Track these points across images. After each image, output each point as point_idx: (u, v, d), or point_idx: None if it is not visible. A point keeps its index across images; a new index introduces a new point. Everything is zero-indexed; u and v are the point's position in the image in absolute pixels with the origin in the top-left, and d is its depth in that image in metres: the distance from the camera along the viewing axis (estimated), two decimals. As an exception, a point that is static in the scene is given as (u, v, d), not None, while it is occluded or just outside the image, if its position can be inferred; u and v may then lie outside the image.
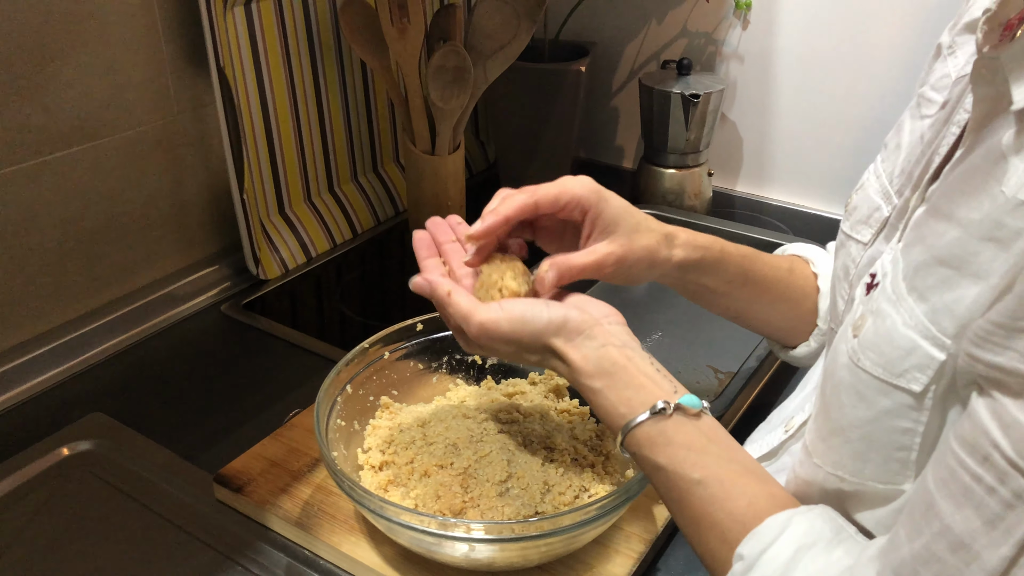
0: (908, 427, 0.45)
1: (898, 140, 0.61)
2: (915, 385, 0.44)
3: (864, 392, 0.47)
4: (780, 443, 0.64)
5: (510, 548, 0.58)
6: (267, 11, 1.01)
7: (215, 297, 1.03)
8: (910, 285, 0.45)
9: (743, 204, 1.31)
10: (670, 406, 0.54)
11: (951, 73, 0.57)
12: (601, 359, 0.56)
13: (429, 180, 1.14)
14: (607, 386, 0.56)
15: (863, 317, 0.48)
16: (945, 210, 0.45)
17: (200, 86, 0.99)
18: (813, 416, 0.53)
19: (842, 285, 0.61)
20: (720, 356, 0.93)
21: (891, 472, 0.46)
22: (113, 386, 0.88)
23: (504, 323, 0.58)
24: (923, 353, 0.43)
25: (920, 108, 0.60)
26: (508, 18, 1.08)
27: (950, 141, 0.51)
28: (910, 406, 0.44)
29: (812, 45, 1.18)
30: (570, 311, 0.59)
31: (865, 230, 0.60)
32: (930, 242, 0.45)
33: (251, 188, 1.02)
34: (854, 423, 0.48)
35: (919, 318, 0.44)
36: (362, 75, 1.17)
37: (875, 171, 0.62)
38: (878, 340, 0.46)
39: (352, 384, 0.72)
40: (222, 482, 0.72)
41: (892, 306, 0.46)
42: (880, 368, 0.45)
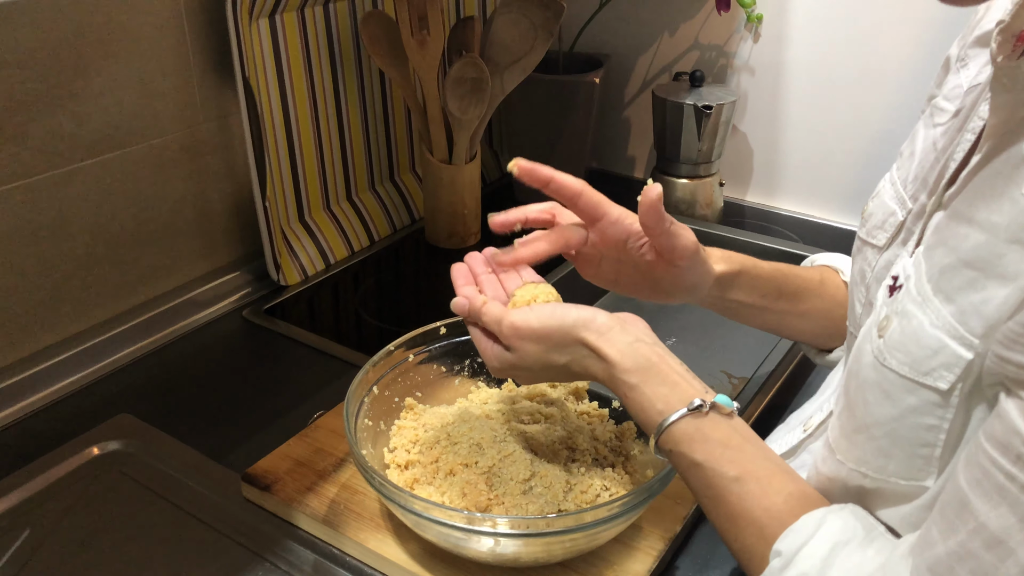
0: (933, 424, 0.46)
1: (912, 148, 0.63)
2: (942, 383, 0.45)
3: (890, 390, 0.48)
4: (799, 442, 0.66)
5: (535, 543, 0.60)
6: (290, 22, 1.04)
7: (237, 302, 1.05)
8: (936, 287, 0.46)
9: (753, 214, 1.33)
10: (706, 404, 0.55)
11: (963, 84, 0.59)
12: (636, 354, 0.58)
13: (446, 189, 1.16)
14: (643, 381, 0.57)
15: (888, 318, 0.49)
16: (966, 214, 0.46)
17: (225, 96, 1.01)
18: (836, 414, 0.54)
19: (859, 289, 0.63)
20: (733, 361, 0.95)
21: (914, 468, 0.47)
22: (140, 388, 0.90)
23: (534, 320, 0.60)
24: (950, 352, 0.44)
25: (932, 117, 0.61)
26: (525, 31, 1.10)
27: (965, 147, 0.52)
28: (936, 403, 0.45)
29: (822, 58, 1.21)
30: (598, 311, 0.60)
31: (880, 234, 0.61)
32: (953, 244, 0.46)
33: (273, 196, 1.04)
34: (879, 420, 0.49)
35: (946, 318, 0.45)
36: (380, 86, 1.20)
37: (890, 179, 0.64)
38: (905, 340, 0.47)
39: (378, 385, 0.73)
40: (250, 481, 0.74)
41: (918, 307, 0.47)
42: (907, 367, 0.47)
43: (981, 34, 0.59)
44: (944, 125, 0.59)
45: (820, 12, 1.18)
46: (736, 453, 0.54)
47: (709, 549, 0.70)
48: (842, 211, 1.28)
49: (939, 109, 0.61)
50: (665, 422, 0.55)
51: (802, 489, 0.53)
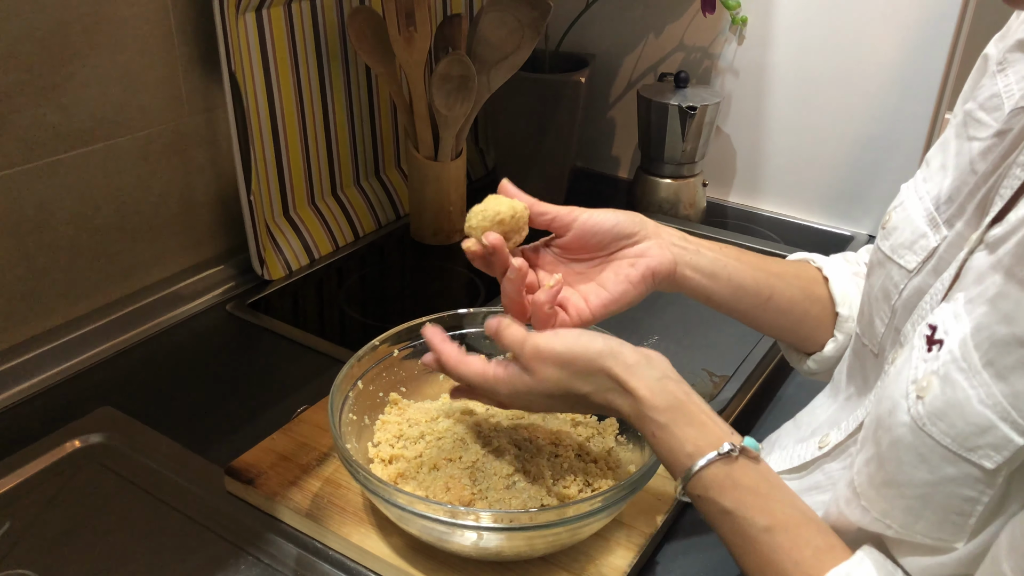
0: (972, 496, 0.44)
1: (942, 160, 0.59)
2: (988, 463, 0.43)
3: (928, 457, 0.46)
4: (813, 459, 0.64)
5: (517, 537, 0.60)
6: (277, 17, 1.03)
7: (221, 296, 1.05)
8: (985, 359, 0.44)
9: (735, 214, 1.34)
10: (736, 448, 0.53)
11: (1001, 94, 0.56)
12: (665, 391, 0.56)
13: (432, 185, 1.17)
14: (672, 421, 0.55)
15: (928, 379, 0.46)
16: (1018, 274, 0.43)
17: (211, 89, 1.01)
18: (865, 459, 0.52)
19: (881, 306, 0.61)
20: (715, 359, 0.96)
21: (944, 531, 0.46)
22: (122, 381, 0.90)
23: (558, 343, 0.58)
24: (1000, 434, 0.42)
25: (967, 128, 0.58)
26: (512, 29, 1.11)
27: (1014, 184, 0.49)
28: (978, 479, 0.44)
29: (806, 61, 1.22)
30: (624, 343, 0.59)
31: (910, 256, 0.58)
32: (1004, 310, 0.44)
33: (258, 190, 1.04)
34: (913, 482, 0.47)
35: (997, 398, 0.42)
36: (367, 81, 1.20)
37: (915, 190, 0.61)
38: (948, 411, 0.45)
39: (363, 380, 0.74)
40: (233, 474, 0.74)
41: (965, 377, 0.44)
42: (949, 439, 0.45)
43: (1022, 38, 0.56)
44: (983, 142, 0.55)
45: (804, 15, 1.19)
46: (766, 501, 0.53)
47: (689, 545, 0.71)
48: (824, 213, 1.29)
49: (976, 121, 0.57)
50: (695, 467, 0.54)
51: (829, 541, 0.52)
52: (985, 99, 0.57)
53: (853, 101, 1.21)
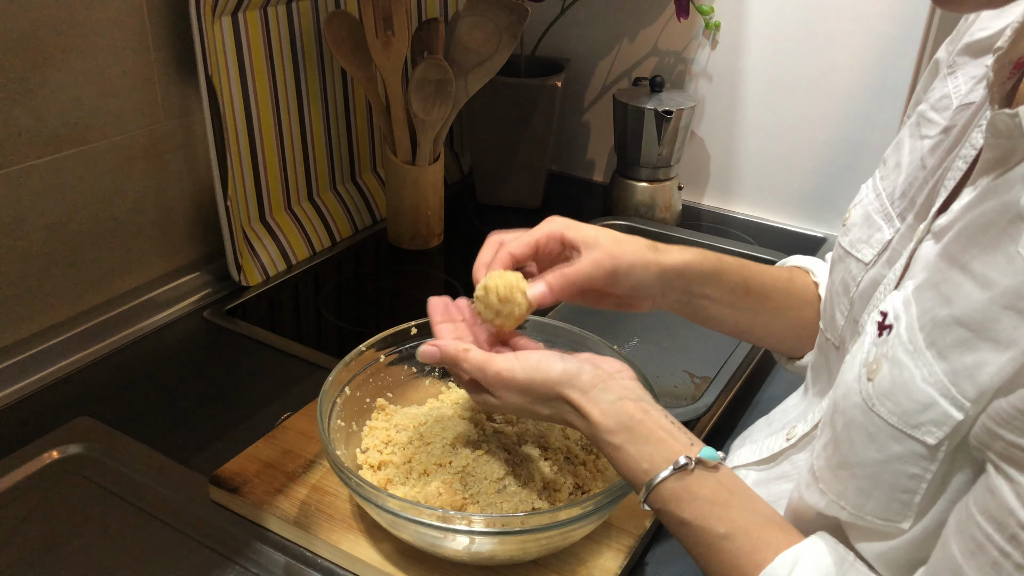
0: (916, 473, 0.46)
1: (897, 159, 0.62)
2: (930, 438, 0.45)
3: (876, 435, 0.48)
4: (780, 450, 0.66)
5: (510, 541, 0.61)
6: (253, 21, 1.02)
7: (198, 303, 1.04)
8: (928, 339, 0.46)
9: (709, 217, 1.36)
10: (692, 461, 0.55)
11: (951, 95, 0.58)
12: (619, 413, 0.57)
13: (410, 190, 1.16)
14: (627, 441, 0.57)
15: (878, 361, 0.49)
16: (960, 259, 0.46)
17: (187, 94, 1.00)
18: (823, 443, 0.54)
19: (841, 300, 0.63)
20: (696, 361, 0.97)
21: (892, 511, 0.48)
22: (98, 391, 0.88)
23: (519, 371, 0.59)
24: (941, 410, 0.44)
25: (920, 128, 0.61)
26: (490, 33, 1.11)
27: (957, 175, 0.52)
28: (922, 455, 0.46)
29: (778, 66, 1.24)
30: (583, 364, 0.60)
31: (866, 249, 0.61)
32: (945, 292, 0.46)
33: (234, 195, 1.03)
34: (863, 462, 0.49)
35: (939, 376, 0.45)
36: (343, 86, 1.19)
37: (874, 188, 0.64)
38: (895, 390, 0.47)
39: (350, 386, 0.73)
40: (218, 483, 0.73)
41: (910, 358, 0.47)
42: (895, 417, 0.47)
43: (972, 42, 0.59)
44: (932, 139, 0.59)
45: (776, 21, 1.21)
46: (724, 509, 0.54)
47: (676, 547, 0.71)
48: (796, 215, 1.31)
49: (927, 120, 0.60)
50: (652, 482, 0.55)
51: (790, 540, 0.53)
52: (936, 100, 0.60)
53: (824, 105, 1.23)
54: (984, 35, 0.58)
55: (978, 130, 0.52)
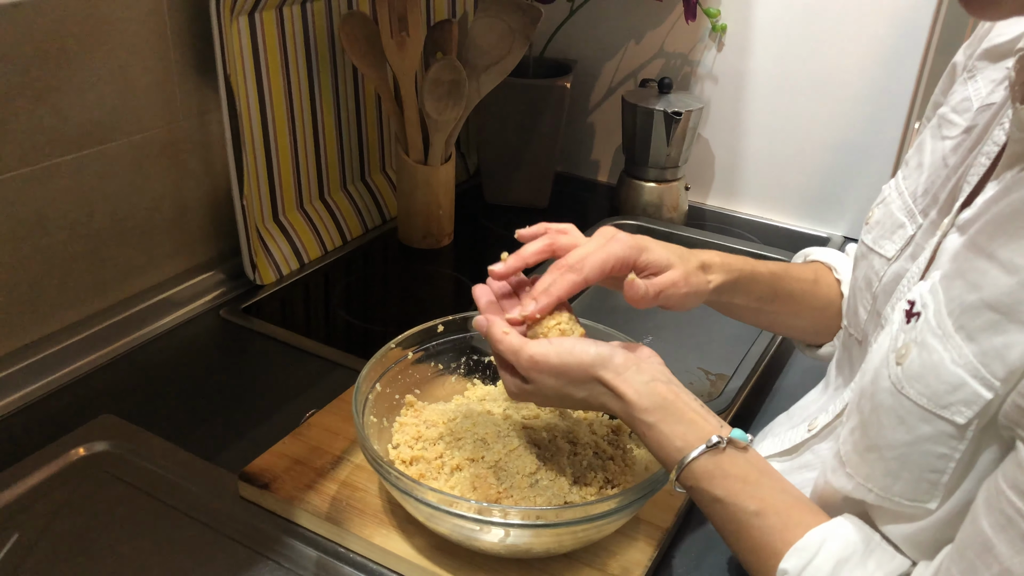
0: (944, 453, 0.48)
1: (919, 159, 0.64)
2: (959, 418, 0.46)
3: (906, 417, 0.49)
4: (802, 441, 0.67)
5: (547, 533, 0.61)
6: (269, 21, 1.03)
7: (214, 301, 1.04)
8: (957, 323, 0.47)
9: (714, 217, 1.37)
10: (723, 440, 0.57)
11: (971, 97, 0.61)
12: (653, 393, 0.59)
13: (422, 189, 1.17)
14: (661, 420, 0.58)
15: (907, 346, 0.50)
16: (987, 248, 0.47)
17: (204, 93, 1.00)
18: (850, 428, 0.55)
19: (864, 295, 0.65)
20: (710, 359, 0.98)
21: (920, 491, 0.49)
22: (119, 388, 0.88)
23: (553, 356, 0.61)
24: (971, 390, 0.46)
25: (941, 129, 0.63)
26: (503, 34, 1.12)
27: (980, 171, 0.54)
28: (951, 435, 0.47)
29: (783, 69, 1.26)
30: (615, 348, 0.62)
31: (889, 245, 0.63)
32: (972, 279, 0.47)
33: (249, 195, 1.03)
34: (892, 444, 0.50)
35: (968, 358, 0.46)
36: (354, 86, 1.20)
37: (896, 188, 0.66)
38: (924, 372, 0.48)
39: (380, 382, 0.74)
40: (248, 479, 0.73)
41: (939, 341, 0.48)
42: (925, 398, 0.48)
43: (990, 47, 0.62)
44: (954, 140, 0.61)
45: (782, 24, 1.23)
46: (755, 488, 0.56)
47: (702, 540, 0.73)
48: (800, 215, 1.33)
49: (948, 122, 0.63)
50: (684, 460, 0.57)
51: (819, 519, 0.55)
52: (957, 103, 0.63)
53: (828, 108, 1.25)
54: (1002, 40, 0.61)
55: (1000, 128, 0.54)
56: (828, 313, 0.78)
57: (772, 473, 0.58)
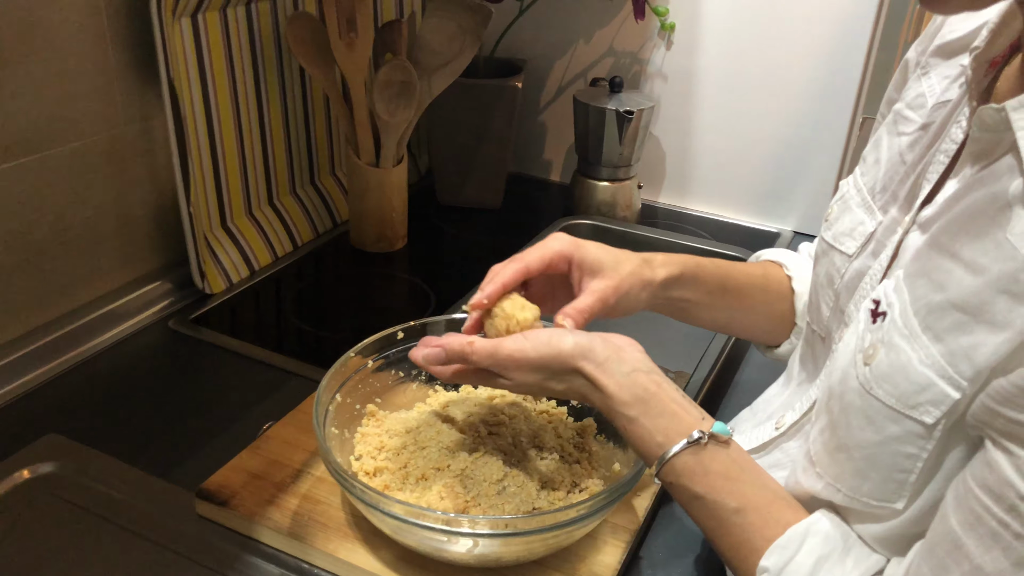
0: (912, 453, 0.48)
1: (876, 155, 0.65)
2: (927, 418, 0.47)
3: (874, 417, 0.49)
4: (770, 439, 0.67)
5: (517, 542, 0.61)
6: (212, 22, 1.00)
7: (161, 312, 1.01)
8: (924, 323, 0.48)
9: (666, 215, 1.38)
10: (705, 435, 0.56)
11: (926, 93, 0.62)
12: (634, 385, 0.58)
13: (374, 192, 1.15)
14: (642, 414, 0.58)
15: (874, 347, 0.50)
16: (949, 248, 0.48)
17: (147, 98, 0.97)
18: (819, 428, 0.56)
19: (826, 292, 0.65)
20: (670, 356, 0.98)
21: (887, 491, 0.50)
22: (65, 406, 0.85)
23: (530, 349, 0.59)
24: (939, 391, 0.46)
25: (897, 125, 0.64)
26: (453, 35, 1.11)
27: (939, 169, 0.55)
28: (919, 435, 0.47)
29: (731, 66, 1.27)
30: (594, 338, 0.61)
31: (849, 242, 0.63)
32: (937, 279, 0.48)
33: (196, 201, 1.00)
34: (860, 444, 0.50)
35: (935, 358, 0.46)
36: (302, 88, 1.17)
37: (855, 184, 0.66)
38: (892, 373, 0.49)
39: (340, 392, 0.72)
40: (205, 496, 0.71)
41: (906, 342, 0.48)
42: (893, 399, 0.48)
43: (942, 44, 0.62)
44: (910, 136, 0.61)
45: (730, 22, 1.24)
46: (736, 484, 0.55)
47: (670, 540, 0.73)
48: (750, 211, 1.35)
49: (903, 118, 0.63)
50: (666, 455, 0.56)
51: (799, 516, 0.55)
52: (912, 99, 0.63)
53: (776, 104, 1.26)
54: (954, 37, 0.62)
55: (957, 126, 0.55)
56: (780, 308, 0.79)
57: (753, 468, 0.57)
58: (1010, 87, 0.52)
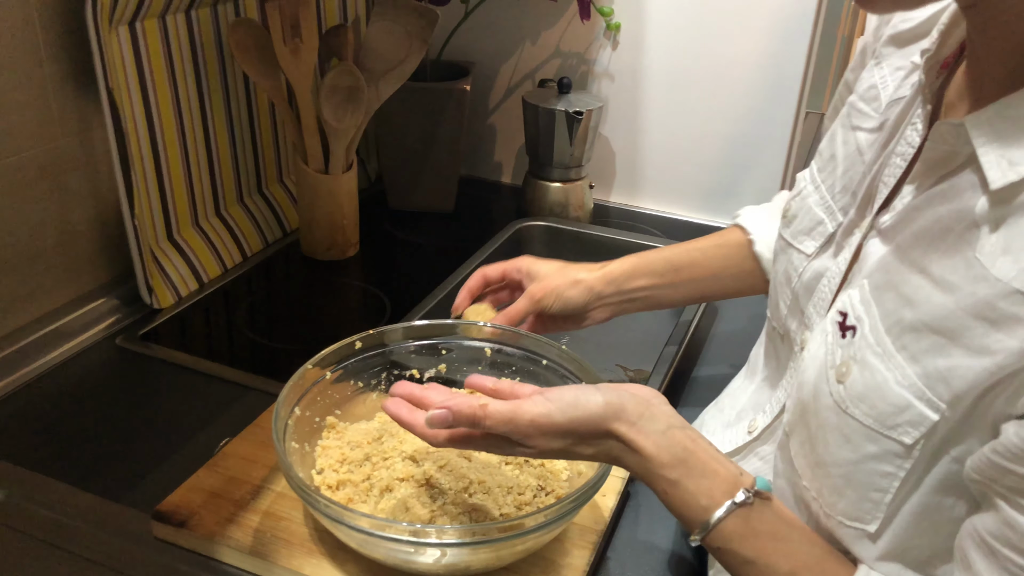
0: (890, 472, 0.48)
1: (832, 150, 0.65)
2: (906, 438, 0.46)
3: (851, 436, 0.49)
4: (745, 444, 0.67)
5: (485, 550, 0.60)
6: (151, 30, 0.97)
7: (108, 329, 0.98)
8: (899, 343, 0.47)
9: (618, 214, 1.39)
10: (751, 495, 0.53)
11: (878, 85, 0.62)
12: (672, 444, 0.54)
13: (324, 199, 1.14)
14: (684, 475, 0.53)
15: (846, 364, 0.50)
16: (918, 263, 0.48)
17: (86, 108, 0.94)
18: (800, 442, 0.55)
19: (784, 290, 0.65)
20: (628, 355, 0.99)
21: (862, 511, 0.49)
22: (10, 430, 0.82)
23: (556, 413, 0.54)
24: (917, 412, 0.46)
25: (851, 118, 0.63)
26: (400, 39, 1.10)
27: (896, 172, 0.54)
28: (897, 454, 0.47)
29: (677, 64, 1.28)
30: (622, 393, 0.56)
31: (808, 242, 0.63)
32: (906, 293, 0.47)
33: (141, 214, 0.98)
34: (837, 461, 0.50)
35: (912, 379, 0.46)
36: (246, 95, 1.15)
37: (812, 180, 0.66)
38: (868, 393, 0.48)
39: (299, 405, 0.71)
40: (162, 518, 0.69)
41: (880, 361, 0.48)
42: (871, 419, 0.48)
43: (895, 33, 0.62)
44: (867, 133, 0.61)
45: (674, 20, 1.25)
46: (785, 545, 0.52)
47: (637, 539, 0.73)
48: (701, 208, 1.36)
49: (857, 111, 0.63)
50: (712, 520, 0.52)
51: (847, 570, 0.52)
52: (864, 90, 0.63)
53: (722, 101, 1.28)
54: (907, 27, 0.62)
55: (912, 128, 0.54)
56: (745, 268, 0.82)
57: (798, 524, 0.54)
58: (958, 90, 0.52)
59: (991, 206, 0.45)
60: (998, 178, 0.44)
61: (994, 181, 0.44)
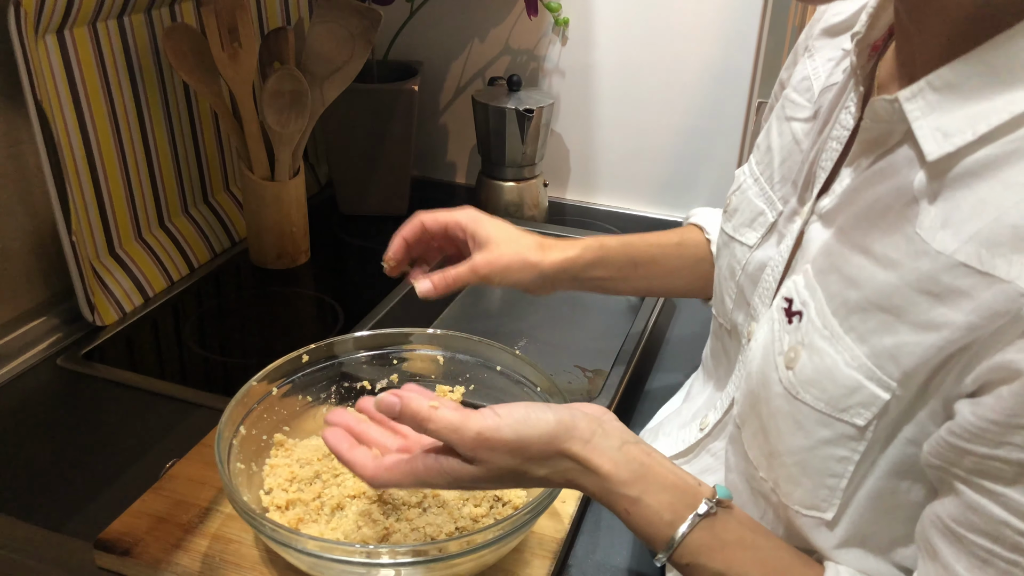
0: (845, 456, 0.47)
1: (768, 143, 0.65)
2: (859, 420, 0.46)
3: (803, 422, 0.48)
4: (696, 441, 0.66)
5: (441, 567, 0.58)
6: (82, 38, 0.94)
7: (48, 350, 0.94)
8: (845, 324, 0.47)
9: (574, 211, 1.38)
10: (713, 505, 0.51)
11: (811, 76, 0.62)
12: (629, 461, 0.52)
13: (271, 207, 1.11)
14: (644, 491, 0.51)
15: (794, 349, 0.49)
16: (860, 243, 0.47)
17: (13, 122, 0.90)
18: (752, 432, 0.54)
19: (728, 283, 0.65)
20: (585, 356, 0.98)
21: (819, 499, 0.49)
22: (-57, 461, 0.78)
23: (505, 428, 0.51)
24: (868, 392, 0.45)
25: (785, 110, 0.64)
26: (343, 40, 1.07)
27: (833, 157, 0.55)
28: (851, 436, 0.47)
29: (627, 59, 1.27)
30: (573, 411, 0.53)
31: (750, 233, 0.63)
32: (849, 274, 0.47)
33: (79, 229, 0.94)
34: (791, 449, 0.49)
35: (862, 360, 0.46)
36: (186, 102, 1.12)
37: (751, 173, 0.66)
38: (819, 377, 0.48)
39: (244, 424, 0.69)
40: (105, 547, 0.66)
41: (828, 344, 0.47)
42: (822, 403, 0.47)
43: (827, 26, 0.63)
44: (802, 122, 0.61)
45: (623, 15, 1.24)
46: (754, 553, 0.51)
47: (597, 546, 0.72)
48: (655, 202, 1.35)
49: (791, 102, 0.63)
50: (677, 535, 0.50)
51: (815, 571, 0.51)
52: (797, 82, 0.64)
53: (673, 95, 1.27)
54: (838, 20, 0.62)
55: (846, 111, 0.55)
56: (702, 268, 0.81)
57: (761, 529, 0.53)
58: (889, 70, 0.53)
59: (928, 179, 0.44)
60: (934, 150, 0.44)
61: (930, 153, 0.44)
